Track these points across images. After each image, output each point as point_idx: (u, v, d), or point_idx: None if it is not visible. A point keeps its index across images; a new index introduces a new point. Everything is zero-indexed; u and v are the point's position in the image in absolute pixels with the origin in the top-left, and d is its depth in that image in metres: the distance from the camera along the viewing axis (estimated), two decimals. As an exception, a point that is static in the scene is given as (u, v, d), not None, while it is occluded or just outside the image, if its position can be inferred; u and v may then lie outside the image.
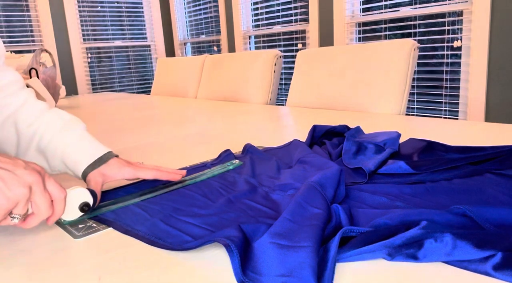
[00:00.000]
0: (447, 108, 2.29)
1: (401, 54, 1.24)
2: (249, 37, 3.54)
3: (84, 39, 3.93)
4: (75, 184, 0.56)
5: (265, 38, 3.38)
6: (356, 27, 2.69)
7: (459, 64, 2.20)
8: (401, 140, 0.80)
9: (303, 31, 3.02)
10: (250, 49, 3.58)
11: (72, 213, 0.50)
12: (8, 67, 0.64)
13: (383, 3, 2.49)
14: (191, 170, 0.70)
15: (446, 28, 2.23)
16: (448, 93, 2.27)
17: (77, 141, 0.59)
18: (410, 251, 0.37)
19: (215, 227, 0.47)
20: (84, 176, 0.58)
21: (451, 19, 2.21)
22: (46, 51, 1.58)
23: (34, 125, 0.59)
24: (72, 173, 0.60)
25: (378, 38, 2.58)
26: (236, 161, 0.72)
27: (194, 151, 0.86)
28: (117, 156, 0.62)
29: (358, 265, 0.38)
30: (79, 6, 3.86)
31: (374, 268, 0.37)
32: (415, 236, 0.37)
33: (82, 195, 0.50)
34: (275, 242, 0.39)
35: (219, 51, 3.92)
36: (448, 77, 2.26)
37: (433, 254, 0.36)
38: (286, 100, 2.37)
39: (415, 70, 1.97)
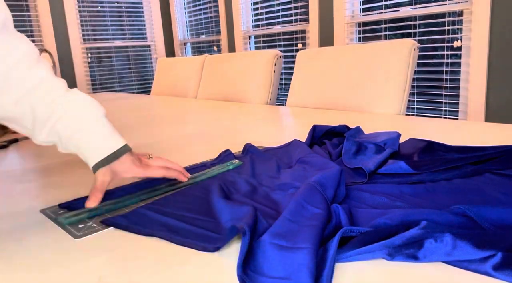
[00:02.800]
0: (447, 108, 2.29)
1: (401, 54, 1.24)
2: (249, 37, 3.54)
3: (84, 39, 3.93)
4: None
5: (265, 38, 3.38)
6: (356, 27, 2.69)
7: (459, 64, 2.20)
8: (401, 140, 0.80)
9: (303, 31, 3.02)
10: (250, 49, 3.58)
11: None
12: (20, 35, 0.58)
13: (383, 3, 2.49)
14: (191, 169, 0.70)
15: (446, 28, 2.23)
16: (448, 93, 2.27)
17: (93, 130, 0.57)
18: (410, 251, 0.37)
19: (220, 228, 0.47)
20: (95, 169, 0.57)
21: (451, 19, 2.21)
22: (46, 51, 1.58)
23: (51, 106, 0.56)
24: (84, 159, 0.58)
25: (378, 38, 2.57)
26: (236, 161, 0.72)
27: (194, 151, 0.86)
28: (130, 149, 0.61)
29: (358, 265, 0.38)
30: (79, 6, 3.85)
31: (374, 268, 0.37)
32: (415, 236, 0.37)
33: None
34: (275, 243, 0.39)
35: (219, 51, 3.92)
36: (448, 77, 2.26)
37: (433, 254, 0.36)
38: (286, 100, 2.37)
39: (415, 70, 1.97)
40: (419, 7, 2.32)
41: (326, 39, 2.85)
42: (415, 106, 2.45)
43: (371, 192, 0.53)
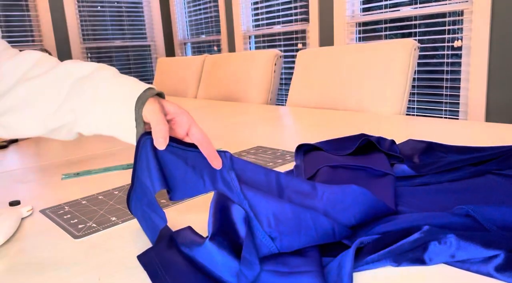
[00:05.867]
0: (447, 108, 2.29)
1: (401, 54, 1.24)
2: (249, 37, 3.54)
3: (84, 39, 3.93)
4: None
5: (265, 38, 3.38)
6: (356, 27, 2.69)
7: (459, 64, 2.20)
8: (401, 140, 0.80)
9: (303, 31, 3.02)
10: (250, 49, 3.58)
11: None
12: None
13: (383, 3, 2.49)
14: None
15: (446, 28, 2.23)
16: (448, 93, 2.27)
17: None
18: (416, 254, 0.37)
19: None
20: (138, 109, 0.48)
21: (451, 19, 2.21)
22: (46, 51, 1.58)
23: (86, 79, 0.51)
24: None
25: (378, 38, 2.57)
26: None
27: (194, 151, 0.86)
28: (159, 94, 0.52)
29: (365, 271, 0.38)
30: (79, 6, 3.85)
31: (377, 270, 0.37)
32: (418, 240, 0.37)
33: None
34: (272, 269, 0.37)
35: (219, 51, 3.91)
36: (449, 77, 2.26)
37: (439, 256, 0.36)
38: (286, 100, 2.37)
39: (415, 70, 1.97)
40: (419, 7, 2.32)
41: (326, 39, 2.84)
42: (415, 106, 2.45)
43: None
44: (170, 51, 4.47)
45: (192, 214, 0.52)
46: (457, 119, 2.23)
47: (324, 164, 0.62)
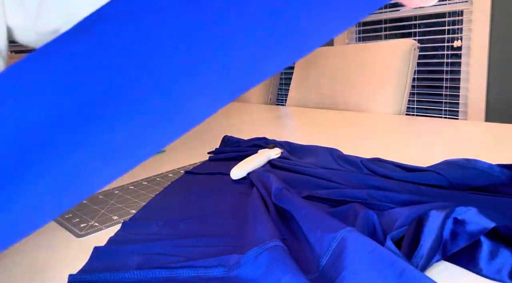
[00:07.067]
0: (447, 108, 2.29)
1: (401, 54, 1.25)
2: (249, 37, 3.55)
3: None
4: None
5: (265, 38, 3.38)
6: (356, 27, 2.69)
7: (459, 64, 2.20)
8: (401, 140, 0.80)
9: (303, 31, 3.02)
10: (250, 49, 3.58)
11: None
12: None
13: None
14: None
15: (446, 28, 2.23)
16: (448, 93, 2.28)
17: None
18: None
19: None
20: None
21: (451, 19, 2.21)
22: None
23: None
24: None
25: (378, 38, 2.58)
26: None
27: (193, 151, 0.86)
28: None
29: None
30: (79, 6, 3.86)
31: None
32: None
33: None
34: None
35: (219, 51, 3.92)
36: (448, 77, 2.26)
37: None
38: (286, 100, 2.37)
39: (415, 70, 1.97)
40: (419, 7, 2.32)
41: (326, 39, 2.85)
42: (415, 106, 2.45)
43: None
44: (170, 51, 4.47)
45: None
46: (457, 119, 2.23)
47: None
